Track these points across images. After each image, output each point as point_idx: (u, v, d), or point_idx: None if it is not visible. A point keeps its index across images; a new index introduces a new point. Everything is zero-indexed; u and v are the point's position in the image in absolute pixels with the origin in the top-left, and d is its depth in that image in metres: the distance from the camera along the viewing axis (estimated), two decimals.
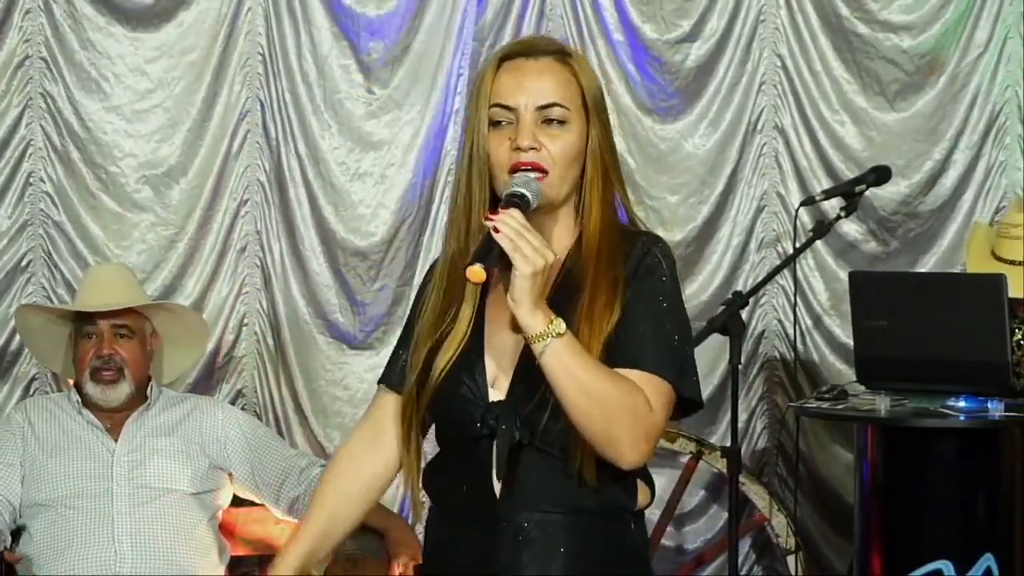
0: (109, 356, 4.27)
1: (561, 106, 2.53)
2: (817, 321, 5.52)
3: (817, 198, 4.68)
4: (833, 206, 4.79)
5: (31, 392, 5.12)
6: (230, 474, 4.35)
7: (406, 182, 5.34)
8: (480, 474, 2.53)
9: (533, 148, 2.51)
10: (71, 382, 4.43)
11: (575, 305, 2.50)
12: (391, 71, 5.33)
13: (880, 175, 4.68)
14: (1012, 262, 4.82)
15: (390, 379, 2.71)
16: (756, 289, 4.70)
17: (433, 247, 5.32)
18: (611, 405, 2.41)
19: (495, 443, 2.51)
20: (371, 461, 2.73)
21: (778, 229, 5.50)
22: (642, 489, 2.60)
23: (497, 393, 2.54)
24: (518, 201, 2.45)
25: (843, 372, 5.35)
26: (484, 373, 2.55)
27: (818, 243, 5.19)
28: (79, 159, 5.18)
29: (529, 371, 2.48)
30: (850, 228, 5.49)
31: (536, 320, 2.39)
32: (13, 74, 5.14)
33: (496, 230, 2.38)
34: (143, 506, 4.18)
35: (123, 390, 4.28)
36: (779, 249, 5.48)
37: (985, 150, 5.53)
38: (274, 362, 5.30)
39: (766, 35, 5.50)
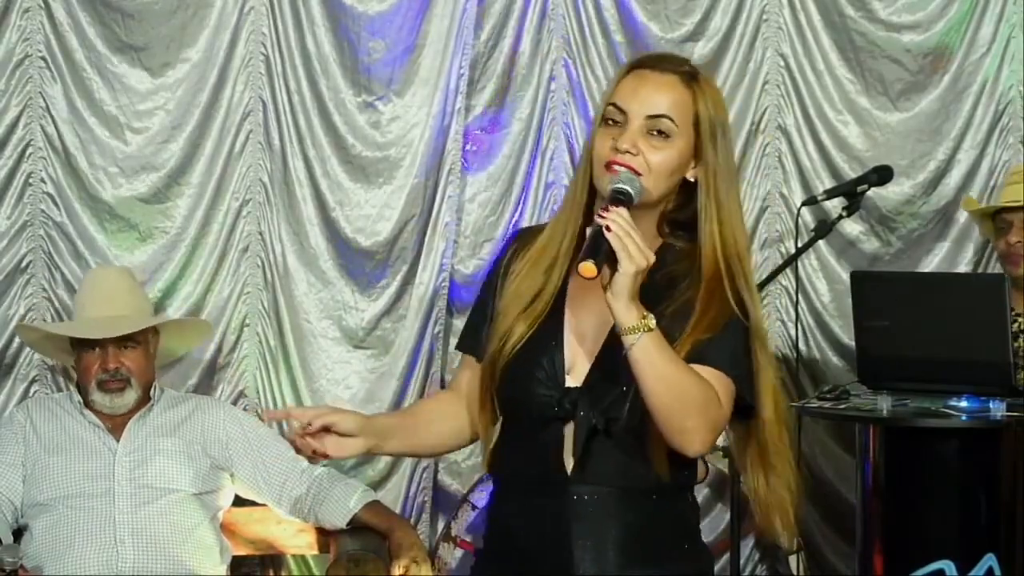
0: (116, 369, 4.28)
1: (669, 119, 2.65)
2: (820, 321, 5.51)
3: (819, 198, 4.69)
4: (835, 206, 4.79)
5: (32, 392, 5.11)
6: (232, 474, 4.35)
7: (411, 182, 5.33)
8: (552, 452, 2.69)
9: (630, 152, 2.63)
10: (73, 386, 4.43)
11: (661, 308, 2.62)
12: (392, 71, 5.33)
13: (882, 175, 4.69)
14: (1015, 202, 4.90)
15: (468, 345, 2.87)
16: (758, 289, 4.68)
17: (435, 246, 5.32)
18: (688, 398, 2.56)
19: (570, 427, 2.67)
20: (458, 413, 2.86)
21: (781, 229, 5.49)
22: (700, 464, 2.81)
23: (573, 380, 2.68)
24: (622, 197, 2.59)
25: (845, 372, 5.34)
26: (563, 358, 2.69)
27: (821, 243, 5.20)
28: (79, 159, 5.17)
29: (609, 361, 2.65)
30: (853, 228, 5.49)
31: (632, 315, 2.52)
32: (12, 73, 5.12)
33: (608, 228, 2.50)
34: (145, 506, 4.18)
35: (130, 397, 4.30)
36: (782, 249, 5.47)
37: (989, 150, 5.53)
38: (276, 363, 5.29)
39: (769, 34, 5.49)
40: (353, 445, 2.72)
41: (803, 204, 4.84)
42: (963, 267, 5.50)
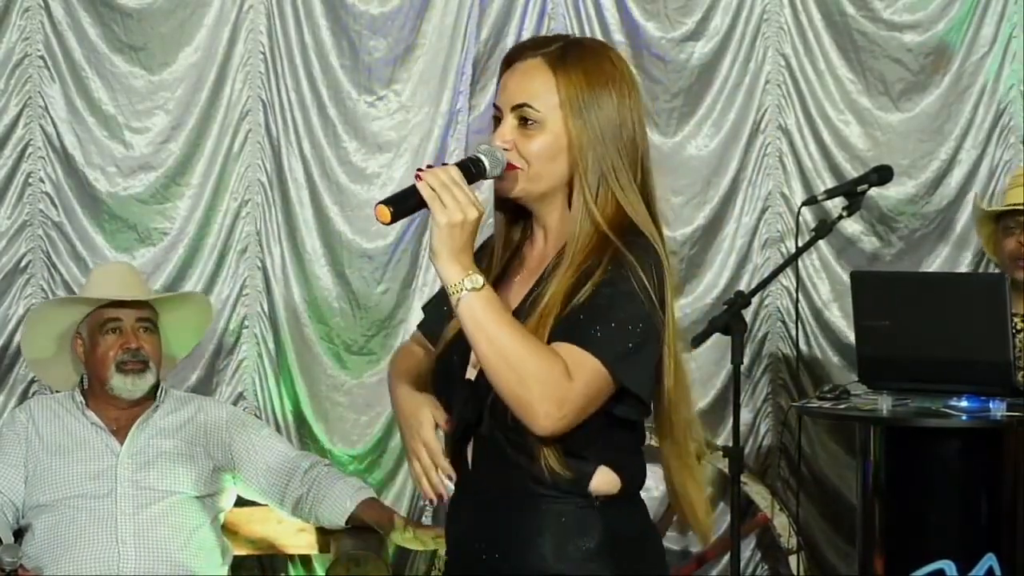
0: (137, 349, 4.27)
1: (530, 107, 2.59)
2: (820, 321, 5.51)
3: (819, 198, 4.68)
4: (836, 206, 4.78)
5: (31, 392, 5.12)
6: (234, 475, 4.35)
7: (412, 183, 5.31)
8: (459, 449, 2.65)
9: (505, 148, 2.59)
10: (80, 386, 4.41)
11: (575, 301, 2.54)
12: (394, 70, 5.33)
13: (882, 175, 4.68)
14: (1014, 205, 4.88)
15: (424, 326, 2.85)
16: (758, 289, 4.69)
17: None
18: (521, 366, 2.45)
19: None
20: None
21: (782, 229, 5.49)
22: (603, 474, 2.59)
23: (473, 372, 2.62)
24: (471, 165, 2.55)
25: (845, 372, 5.34)
26: (467, 353, 2.61)
27: (822, 243, 5.20)
28: (78, 159, 5.17)
29: None
30: (854, 228, 5.48)
31: (453, 271, 2.47)
32: (11, 73, 5.14)
33: (418, 178, 2.50)
34: (146, 508, 4.18)
35: (149, 380, 4.28)
36: (783, 250, 5.47)
37: (989, 149, 5.52)
38: (274, 365, 5.29)
39: (770, 34, 5.49)
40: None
41: (803, 204, 4.82)
42: (964, 267, 5.50)
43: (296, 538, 4.52)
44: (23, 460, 4.25)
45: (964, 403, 4.28)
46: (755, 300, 5.14)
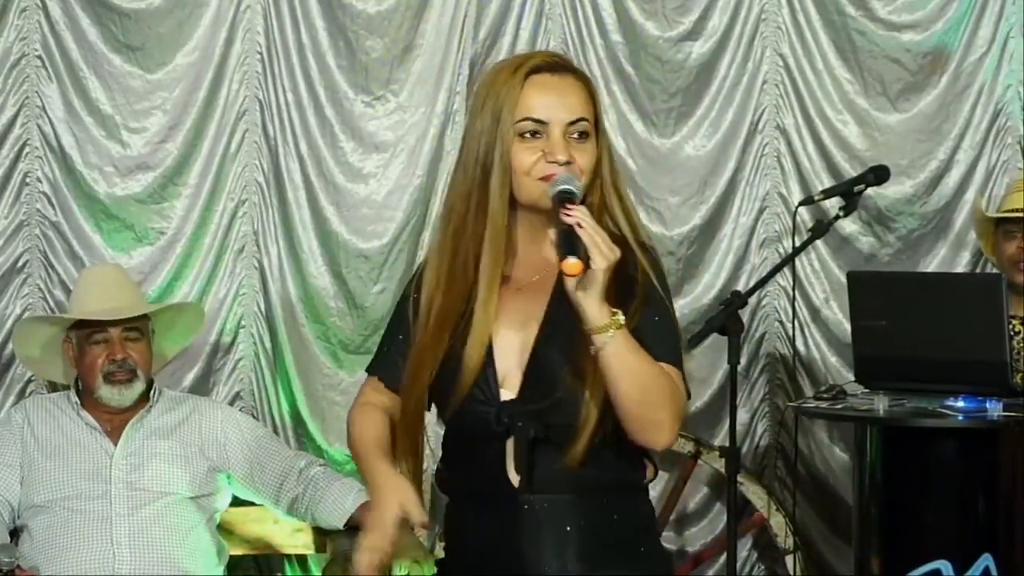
0: (123, 360, 4.27)
1: (586, 120, 2.66)
2: (817, 320, 5.50)
3: (816, 198, 4.68)
4: (834, 206, 4.78)
5: (28, 392, 5.11)
6: (229, 475, 4.35)
7: (410, 183, 5.32)
8: (497, 467, 2.67)
9: (568, 162, 2.62)
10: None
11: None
12: (391, 70, 5.32)
13: (879, 175, 4.67)
14: (1015, 210, 4.88)
15: (383, 373, 2.87)
16: (755, 289, 4.68)
17: None
18: (657, 392, 2.58)
19: (511, 440, 2.65)
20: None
21: (780, 230, 5.49)
22: (648, 464, 2.76)
23: (508, 392, 2.66)
24: (571, 197, 2.57)
25: (843, 372, 5.34)
26: (495, 372, 2.66)
27: (819, 243, 5.20)
28: (76, 159, 5.17)
29: (540, 368, 2.64)
30: (852, 228, 5.48)
31: (603, 313, 2.52)
32: (8, 73, 5.13)
33: (580, 225, 2.49)
34: (141, 509, 4.17)
35: (137, 389, 4.28)
36: (780, 250, 5.47)
37: (987, 150, 5.52)
38: (271, 364, 5.29)
39: (768, 34, 5.48)
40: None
41: (800, 204, 4.83)
42: (962, 267, 5.50)
43: (292, 538, 4.52)
44: (18, 460, 4.24)
45: (961, 403, 4.28)
46: (752, 300, 5.15)
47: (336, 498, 4.28)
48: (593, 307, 2.50)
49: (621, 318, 2.53)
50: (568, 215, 2.50)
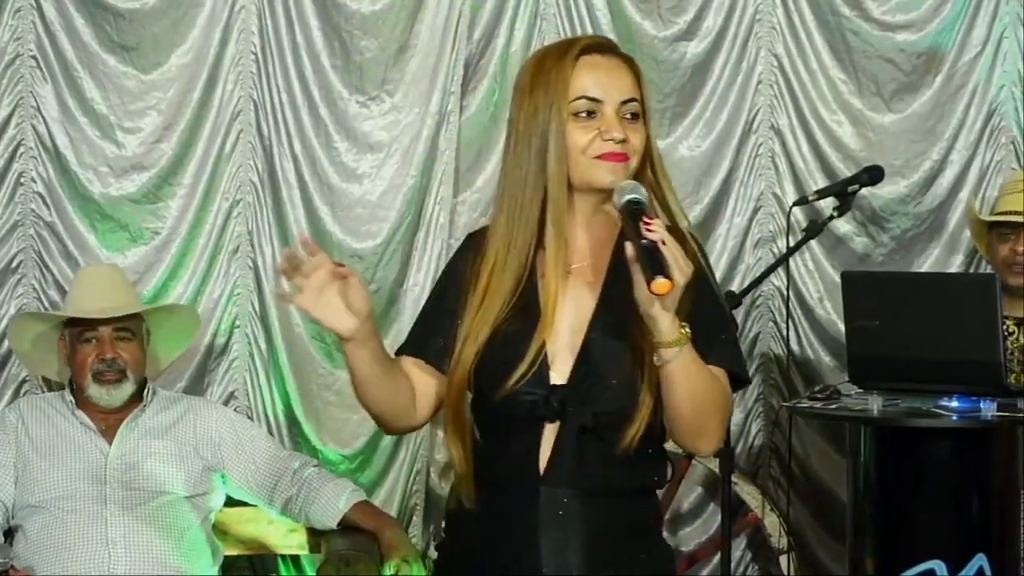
0: (112, 359, 4.27)
1: (639, 101, 2.69)
2: (812, 321, 5.51)
3: (810, 198, 4.70)
4: (828, 206, 4.79)
5: (22, 392, 5.11)
6: (223, 475, 4.35)
7: (404, 183, 5.32)
8: (526, 455, 2.65)
9: (624, 141, 2.64)
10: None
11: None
12: (385, 70, 5.32)
13: (873, 175, 4.69)
14: (1012, 212, 4.87)
15: (417, 350, 2.81)
16: (749, 289, 4.69)
17: (427, 248, 5.31)
18: (711, 401, 2.60)
19: (550, 427, 2.64)
20: (413, 397, 2.80)
21: (774, 230, 5.49)
22: (668, 465, 2.79)
23: (557, 377, 2.65)
24: (641, 207, 2.55)
25: (837, 372, 5.34)
26: (545, 357, 2.65)
27: (814, 243, 5.20)
28: (70, 159, 5.17)
29: (593, 356, 2.64)
30: (847, 228, 5.48)
31: (674, 327, 2.51)
32: (3, 73, 5.12)
33: (663, 242, 2.48)
34: (136, 508, 4.18)
35: (126, 390, 4.29)
36: (774, 250, 5.46)
37: (980, 150, 5.52)
38: (266, 364, 5.28)
39: (762, 34, 5.49)
40: (344, 320, 2.62)
41: (794, 204, 4.83)
42: (955, 267, 5.50)
43: (287, 538, 4.52)
44: (13, 461, 4.25)
45: (955, 403, 4.26)
46: (746, 300, 5.15)
47: (329, 499, 4.29)
48: (667, 322, 2.50)
49: (688, 331, 2.53)
50: (650, 231, 2.49)
